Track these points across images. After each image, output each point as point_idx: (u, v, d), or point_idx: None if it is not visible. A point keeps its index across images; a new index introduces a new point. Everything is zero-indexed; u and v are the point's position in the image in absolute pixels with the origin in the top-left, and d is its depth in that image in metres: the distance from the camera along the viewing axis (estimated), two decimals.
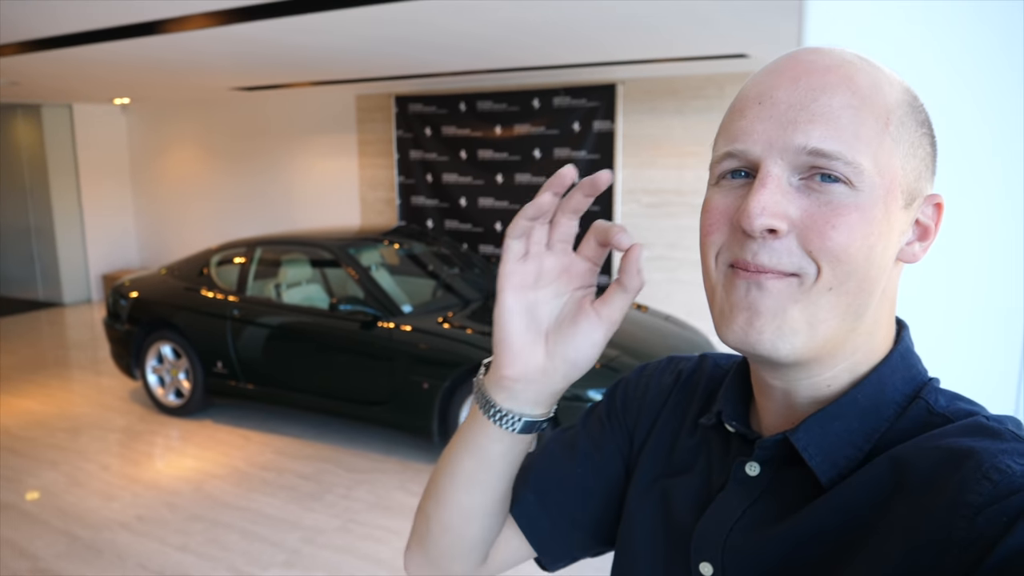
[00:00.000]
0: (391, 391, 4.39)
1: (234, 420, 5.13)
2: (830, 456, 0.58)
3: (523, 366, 0.66)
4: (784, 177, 0.56)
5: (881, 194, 0.56)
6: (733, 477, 0.65)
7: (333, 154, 8.00)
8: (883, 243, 0.57)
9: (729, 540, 0.62)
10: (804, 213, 0.56)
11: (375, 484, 4.16)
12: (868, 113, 0.56)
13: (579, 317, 0.65)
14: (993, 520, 0.47)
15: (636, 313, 4.99)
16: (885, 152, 0.56)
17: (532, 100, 6.61)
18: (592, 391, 3.87)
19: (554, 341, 0.66)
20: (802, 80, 0.57)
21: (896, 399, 0.60)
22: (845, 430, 0.59)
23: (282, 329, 4.82)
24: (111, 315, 5.48)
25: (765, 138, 0.57)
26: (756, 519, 0.62)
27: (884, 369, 0.60)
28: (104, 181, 9.47)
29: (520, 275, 0.65)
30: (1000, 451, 0.50)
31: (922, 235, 0.61)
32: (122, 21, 3.78)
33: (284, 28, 3.87)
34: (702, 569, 0.64)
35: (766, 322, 0.57)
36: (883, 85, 0.58)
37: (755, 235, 0.56)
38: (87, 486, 4.17)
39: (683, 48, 4.88)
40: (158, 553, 3.47)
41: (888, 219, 0.56)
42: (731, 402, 0.69)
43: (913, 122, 0.58)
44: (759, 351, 0.58)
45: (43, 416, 5.28)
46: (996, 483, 0.48)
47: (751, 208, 0.55)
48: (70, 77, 6.09)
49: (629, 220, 6.44)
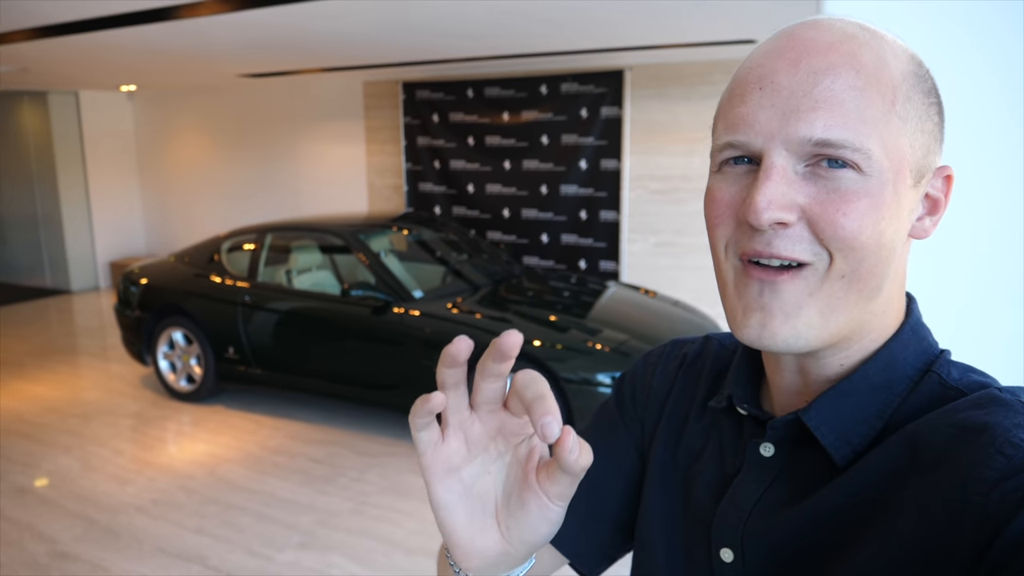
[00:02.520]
0: (402, 375, 4.42)
1: (245, 405, 5.16)
2: (843, 434, 0.58)
3: (480, 559, 0.56)
4: (789, 167, 0.55)
5: (890, 176, 0.54)
6: (748, 459, 0.64)
7: (340, 141, 8.00)
8: (894, 225, 0.56)
9: (748, 525, 0.62)
10: (812, 201, 0.54)
11: (386, 467, 4.20)
12: (874, 92, 0.54)
13: (527, 496, 0.54)
14: (1008, 495, 0.47)
15: (645, 298, 5.01)
16: (893, 132, 0.54)
17: (540, 86, 6.60)
18: (601, 375, 3.89)
19: (507, 525, 0.55)
20: (803, 62, 0.55)
21: (908, 373, 0.59)
22: (857, 407, 0.58)
23: (293, 315, 4.85)
24: (121, 302, 5.51)
25: (768, 129, 0.55)
26: (773, 502, 0.61)
27: (895, 344, 0.60)
28: (111, 168, 9.49)
29: (442, 461, 0.54)
30: (1014, 425, 0.50)
31: (932, 209, 0.60)
32: (132, 8, 3.78)
33: (293, 14, 3.87)
34: (723, 555, 0.63)
35: (780, 323, 0.56)
36: (888, 58, 0.56)
37: (763, 229, 0.55)
38: (101, 471, 4.21)
39: (692, 34, 4.86)
40: (175, 536, 3.51)
41: (898, 200, 0.55)
42: (740, 384, 0.68)
43: (920, 93, 0.56)
44: (773, 349, 0.57)
45: (55, 402, 5.32)
46: (1010, 457, 0.48)
47: (757, 203, 0.54)
48: (77, 64, 6.09)
49: (636, 206, 6.45)
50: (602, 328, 4.26)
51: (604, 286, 5.18)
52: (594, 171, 6.53)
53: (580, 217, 6.67)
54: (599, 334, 4.18)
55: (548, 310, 4.70)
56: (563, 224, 6.74)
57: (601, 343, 4.06)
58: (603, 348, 4.02)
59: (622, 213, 6.48)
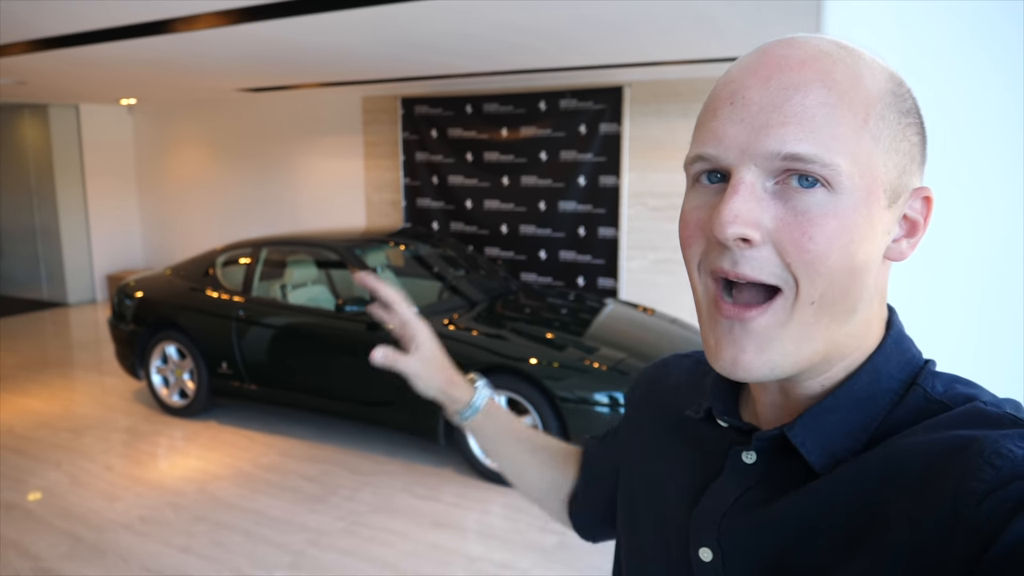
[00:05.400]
0: (397, 393, 4.36)
1: (238, 421, 5.11)
2: (828, 450, 0.58)
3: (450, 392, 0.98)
4: (758, 184, 0.54)
5: (862, 196, 0.54)
6: (729, 465, 0.64)
7: (339, 155, 7.99)
8: (866, 247, 0.55)
9: (724, 523, 0.62)
10: (779, 223, 0.54)
11: (379, 486, 4.14)
12: (845, 109, 0.53)
13: None
14: (997, 507, 0.46)
15: (643, 316, 4.97)
16: (864, 150, 0.54)
17: (538, 102, 6.59)
18: (598, 394, 3.84)
19: None
20: (774, 78, 0.55)
21: (892, 386, 0.59)
22: (842, 422, 0.58)
23: (287, 330, 4.81)
24: (116, 315, 5.47)
25: (737, 144, 0.55)
26: (751, 503, 0.61)
27: (878, 358, 0.60)
28: (110, 182, 9.48)
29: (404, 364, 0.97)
30: (1001, 436, 0.49)
31: (910, 231, 0.59)
32: (130, 20, 3.77)
33: (292, 28, 3.86)
34: (701, 555, 0.63)
35: (753, 357, 0.56)
36: (863, 76, 0.55)
37: (728, 244, 0.55)
38: (90, 486, 4.16)
39: (691, 51, 4.85)
40: (161, 555, 3.45)
41: (870, 221, 0.55)
42: (720, 399, 0.68)
43: (895, 113, 0.56)
44: (749, 380, 0.58)
45: (47, 416, 5.27)
46: (998, 468, 0.48)
47: (723, 217, 0.54)
48: (77, 77, 6.09)
49: (635, 223, 6.43)
50: (599, 346, 4.21)
51: (602, 303, 5.14)
52: (593, 187, 6.51)
53: (578, 234, 6.64)
54: (596, 352, 4.13)
55: (545, 327, 4.66)
56: (561, 241, 6.71)
57: (598, 361, 4.01)
58: (600, 367, 3.97)
59: (621, 230, 6.46)
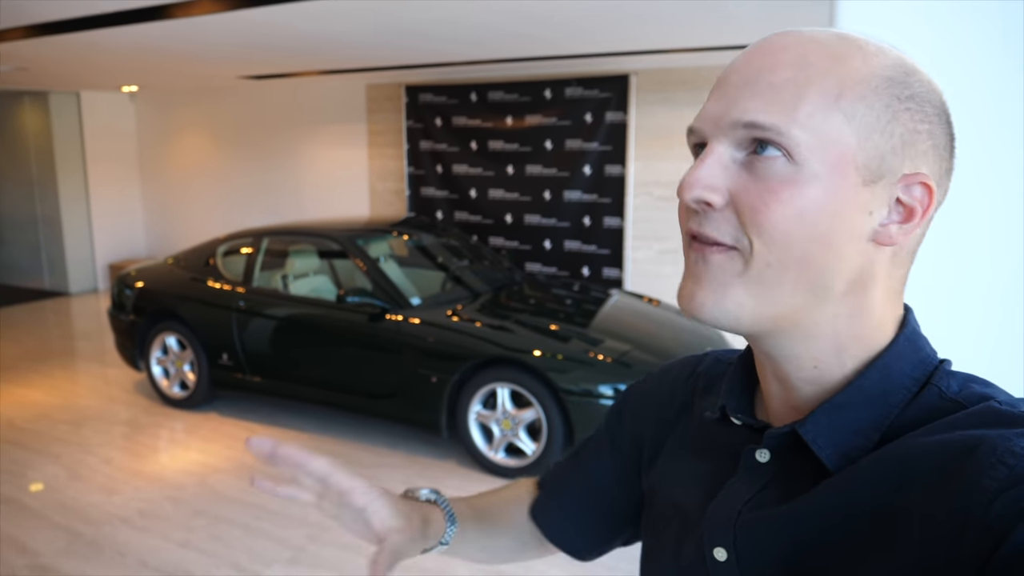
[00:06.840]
0: (399, 384, 4.31)
1: (239, 413, 5.06)
2: (840, 447, 0.58)
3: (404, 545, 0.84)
4: (727, 153, 0.57)
5: (823, 170, 0.55)
6: (743, 464, 0.65)
7: (342, 144, 7.91)
8: (832, 220, 0.55)
9: (739, 523, 0.62)
10: (741, 189, 0.56)
11: (380, 479, 4.09)
12: (815, 87, 0.55)
13: None
14: (1009, 505, 0.46)
15: (648, 307, 4.90)
16: (834, 125, 0.55)
17: (544, 91, 6.51)
18: (603, 386, 3.78)
19: None
20: (755, 61, 0.58)
21: (905, 384, 0.59)
22: (854, 419, 0.58)
23: (288, 321, 4.75)
24: (116, 305, 5.42)
25: (713, 117, 0.59)
26: (766, 502, 0.62)
27: (889, 355, 0.59)
28: (112, 170, 9.41)
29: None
30: (1014, 435, 0.49)
31: (905, 217, 0.58)
32: (128, 5, 3.69)
33: (292, 14, 3.78)
34: (716, 555, 0.64)
35: (707, 294, 0.58)
36: (846, 59, 0.56)
37: (691, 206, 0.58)
38: (89, 480, 4.11)
39: (698, 38, 4.76)
40: (160, 549, 3.41)
41: (837, 195, 0.55)
42: (734, 396, 0.70)
43: (888, 96, 0.56)
44: (700, 319, 0.59)
45: (47, 407, 5.23)
46: (1012, 467, 0.48)
47: (686, 181, 0.57)
48: (77, 63, 6.02)
49: (641, 213, 6.35)
50: (604, 338, 4.15)
51: (607, 294, 5.07)
52: (598, 177, 6.42)
53: (584, 223, 6.56)
54: (601, 344, 4.06)
55: (550, 319, 4.59)
56: (566, 230, 6.64)
57: (603, 354, 3.94)
58: (605, 359, 3.90)
59: (626, 220, 6.38)
